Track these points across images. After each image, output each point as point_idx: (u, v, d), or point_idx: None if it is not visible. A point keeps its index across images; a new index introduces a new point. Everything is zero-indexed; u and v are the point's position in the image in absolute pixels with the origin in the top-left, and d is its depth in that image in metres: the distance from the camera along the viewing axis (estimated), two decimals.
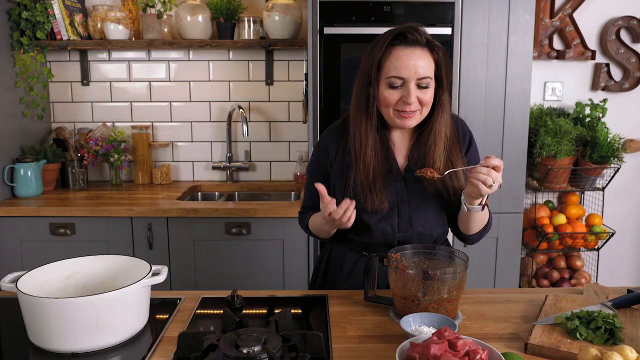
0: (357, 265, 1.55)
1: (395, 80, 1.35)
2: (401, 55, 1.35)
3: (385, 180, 1.45)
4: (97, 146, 2.80)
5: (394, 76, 1.35)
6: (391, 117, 1.41)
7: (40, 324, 1.14)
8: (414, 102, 1.36)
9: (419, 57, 1.35)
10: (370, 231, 1.49)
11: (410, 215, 1.47)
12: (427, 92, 1.38)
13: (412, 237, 1.48)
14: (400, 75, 1.35)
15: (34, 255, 2.46)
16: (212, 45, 2.75)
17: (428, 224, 1.48)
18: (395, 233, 1.47)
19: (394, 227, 1.47)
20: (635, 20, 2.88)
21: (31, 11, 2.64)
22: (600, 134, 2.69)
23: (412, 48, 1.36)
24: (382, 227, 1.47)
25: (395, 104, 1.38)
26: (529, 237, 2.90)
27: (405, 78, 1.35)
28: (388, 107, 1.39)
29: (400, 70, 1.34)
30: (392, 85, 1.36)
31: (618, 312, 1.30)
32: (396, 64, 1.35)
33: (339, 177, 1.50)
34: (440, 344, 0.97)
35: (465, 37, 2.42)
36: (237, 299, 1.35)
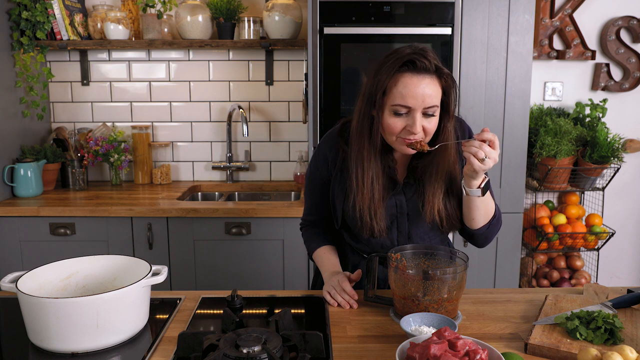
0: (359, 266, 1.55)
1: (401, 108, 1.30)
2: (408, 84, 1.28)
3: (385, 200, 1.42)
4: (97, 146, 2.80)
5: (400, 104, 1.29)
6: (394, 143, 1.36)
7: (40, 324, 1.14)
8: (419, 132, 1.31)
9: (426, 86, 1.29)
10: (370, 244, 1.50)
11: (409, 229, 1.47)
12: (432, 121, 1.33)
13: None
14: (407, 104, 1.29)
15: (34, 255, 2.46)
16: (212, 45, 2.75)
17: (427, 235, 1.49)
18: (394, 246, 1.46)
19: (393, 241, 1.48)
20: (635, 20, 2.88)
21: (31, 11, 2.64)
22: (600, 134, 2.69)
23: (421, 76, 1.29)
24: (382, 242, 1.48)
25: (399, 132, 1.33)
26: (529, 237, 2.90)
27: (412, 107, 1.29)
28: (392, 135, 1.34)
29: (407, 99, 1.28)
30: (397, 112, 1.31)
31: (618, 312, 1.30)
32: (403, 91, 1.28)
33: (339, 190, 1.48)
34: (440, 344, 0.97)
35: (465, 37, 2.42)
36: (237, 299, 1.35)
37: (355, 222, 1.44)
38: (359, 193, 1.39)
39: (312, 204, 1.59)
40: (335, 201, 1.49)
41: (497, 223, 1.48)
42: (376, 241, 1.48)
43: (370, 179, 1.38)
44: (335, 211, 1.51)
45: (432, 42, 2.41)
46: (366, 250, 1.52)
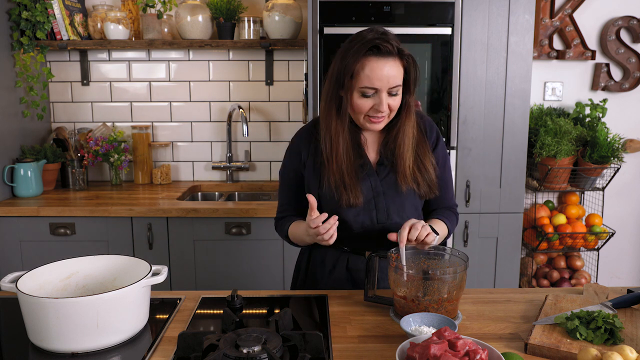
0: (339, 261, 1.56)
1: (368, 90, 1.40)
2: (374, 67, 1.38)
3: (358, 175, 1.49)
4: (97, 146, 2.80)
5: (367, 87, 1.39)
6: (361, 122, 1.46)
7: (40, 324, 1.14)
8: (385, 110, 1.42)
9: (390, 68, 1.38)
10: (349, 225, 1.51)
11: (387, 206, 1.51)
12: (396, 99, 1.43)
13: (390, 227, 1.50)
14: (374, 86, 1.39)
15: (34, 255, 2.46)
16: (212, 45, 2.75)
17: (405, 214, 1.52)
18: (374, 225, 1.51)
19: (372, 219, 1.51)
20: (635, 20, 2.88)
21: (31, 11, 2.64)
22: (600, 134, 2.69)
23: (385, 59, 1.38)
24: (361, 220, 1.51)
25: (366, 112, 1.43)
26: (529, 237, 2.90)
27: (378, 88, 1.39)
28: (360, 114, 1.44)
29: (373, 81, 1.38)
30: (365, 94, 1.40)
31: (618, 312, 1.30)
32: (370, 75, 1.38)
33: (313, 177, 1.54)
34: (440, 344, 0.97)
35: (465, 37, 2.42)
36: (237, 299, 1.35)
37: (332, 200, 1.48)
38: (332, 164, 1.47)
39: (286, 200, 1.62)
40: (311, 188, 1.54)
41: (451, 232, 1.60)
42: (356, 220, 1.50)
43: (341, 152, 1.46)
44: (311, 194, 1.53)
45: (432, 42, 2.41)
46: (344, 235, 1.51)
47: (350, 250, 1.56)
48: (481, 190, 2.54)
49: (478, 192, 2.54)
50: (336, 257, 1.57)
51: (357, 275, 1.55)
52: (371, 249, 1.50)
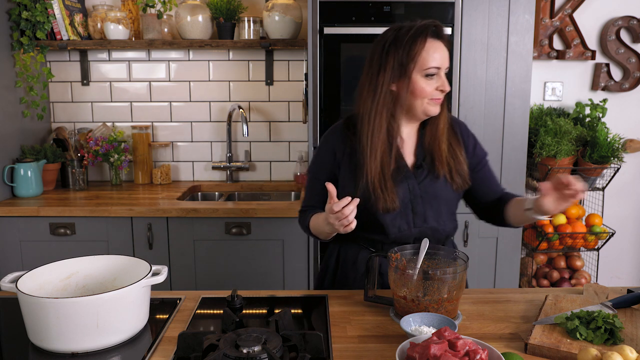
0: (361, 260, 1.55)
1: (433, 70, 1.41)
2: (437, 48, 1.42)
3: (395, 179, 1.47)
4: (97, 146, 2.80)
5: (433, 67, 1.41)
6: (424, 107, 1.45)
7: (40, 324, 1.14)
8: (449, 87, 1.44)
9: (445, 50, 1.44)
10: (386, 229, 1.49)
11: (424, 210, 1.49)
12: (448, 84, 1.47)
13: (426, 232, 1.49)
14: (437, 64, 1.41)
15: (34, 255, 2.46)
16: (212, 45, 2.75)
17: (441, 218, 1.51)
18: (411, 229, 1.49)
19: (409, 223, 1.49)
20: (635, 20, 2.88)
21: (31, 11, 2.64)
22: (600, 134, 2.69)
23: (441, 41, 1.44)
24: (398, 224, 1.48)
25: (431, 94, 1.44)
26: (529, 237, 2.90)
27: (440, 67, 1.42)
28: (424, 97, 1.44)
29: (437, 60, 1.41)
30: (429, 74, 1.42)
31: (618, 312, 1.30)
32: (434, 55, 1.41)
33: (348, 178, 1.51)
34: (440, 344, 0.97)
35: (465, 37, 2.42)
36: (237, 299, 1.35)
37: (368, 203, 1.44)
38: (370, 167, 1.44)
39: (312, 194, 1.59)
40: (346, 191, 1.49)
41: None
42: (393, 224, 1.48)
43: (379, 154, 1.44)
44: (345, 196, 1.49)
45: None
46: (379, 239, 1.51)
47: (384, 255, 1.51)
48: None
49: None
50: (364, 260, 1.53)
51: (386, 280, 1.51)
52: None
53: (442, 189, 1.50)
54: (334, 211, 1.29)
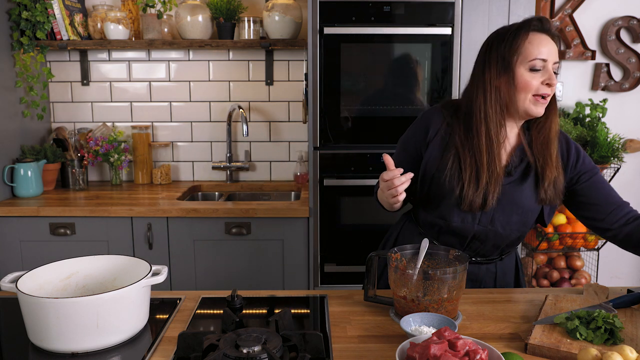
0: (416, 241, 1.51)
1: (538, 62, 1.36)
2: (542, 39, 1.37)
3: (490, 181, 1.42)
4: (97, 146, 2.80)
5: (537, 58, 1.36)
6: (527, 103, 1.39)
7: (40, 324, 1.14)
8: (556, 83, 1.38)
9: (551, 42, 1.38)
10: (450, 216, 1.46)
11: (494, 213, 1.45)
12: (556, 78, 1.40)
13: (489, 233, 1.47)
14: (543, 56, 1.36)
15: (34, 255, 2.46)
16: (212, 45, 2.75)
17: (509, 226, 1.47)
18: (474, 224, 1.46)
19: (475, 217, 1.46)
20: (635, 20, 2.88)
21: (31, 11, 2.64)
22: (600, 134, 2.69)
23: (547, 34, 1.39)
24: (464, 215, 1.45)
25: (536, 89, 1.38)
26: (529, 237, 2.90)
27: (547, 59, 1.37)
28: (527, 92, 1.38)
29: (543, 52, 1.36)
30: (534, 68, 1.36)
31: (618, 312, 1.30)
32: (539, 47, 1.36)
33: (435, 159, 1.47)
34: (440, 344, 0.97)
35: (465, 37, 2.42)
36: (237, 299, 1.35)
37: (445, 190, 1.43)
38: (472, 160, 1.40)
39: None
40: (427, 170, 1.47)
41: None
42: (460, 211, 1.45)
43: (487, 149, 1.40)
44: (424, 180, 1.49)
45: (432, 42, 2.41)
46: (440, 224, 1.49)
47: (437, 243, 1.51)
48: None
49: None
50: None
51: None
52: (457, 248, 1.47)
53: (524, 198, 1.45)
54: (384, 179, 1.31)
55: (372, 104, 2.44)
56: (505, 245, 1.51)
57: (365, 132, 2.45)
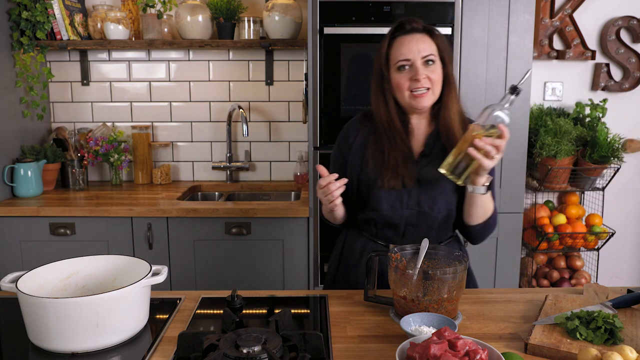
0: (366, 249, 1.60)
1: (402, 62, 1.47)
2: (403, 42, 1.49)
3: (398, 161, 1.52)
4: (97, 146, 2.80)
5: (400, 60, 1.48)
6: (407, 100, 1.50)
7: (40, 324, 1.14)
8: (423, 79, 1.47)
9: (418, 40, 1.48)
10: (380, 205, 1.54)
11: (418, 194, 1.53)
12: (434, 70, 1.48)
13: (417, 216, 1.53)
14: (406, 57, 1.47)
15: (34, 255, 2.46)
16: (212, 45, 2.75)
17: (435, 206, 1.53)
18: (403, 209, 1.53)
19: (402, 202, 1.53)
20: (635, 20, 2.88)
21: (31, 11, 2.64)
22: (600, 134, 2.69)
23: (411, 35, 1.49)
24: (392, 202, 1.53)
25: (408, 86, 1.48)
26: (529, 237, 2.90)
27: (411, 59, 1.47)
28: (403, 91, 1.50)
29: (405, 53, 1.47)
30: (400, 67, 1.48)
31: (618, 312, 1.30)
32: (401, 50, 1.48)
33: (356, 159, 1.59)
34: (440, 344, 0.97)
35: (465, 37, 2.42)
36: (237, 299, 1.35)
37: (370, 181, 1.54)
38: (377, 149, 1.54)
39: None
40: (353, 170, 1.59)
41: (492, 223, 1.57)
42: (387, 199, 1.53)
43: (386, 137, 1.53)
44: (352, 180, 1.59)
45: None
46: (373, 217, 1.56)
47: (375, 241, 1.60)
48: None
49: None
50: (364, 245, 1.61)
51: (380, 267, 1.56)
52: (396, 240, 1.56)
53: (439, 176, 1.50)
54: (321, 186, 1.42)
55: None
56: (437, 227, 1.56)
57: None
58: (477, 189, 1.42)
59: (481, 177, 1.40)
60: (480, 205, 1.48)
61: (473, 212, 1.50)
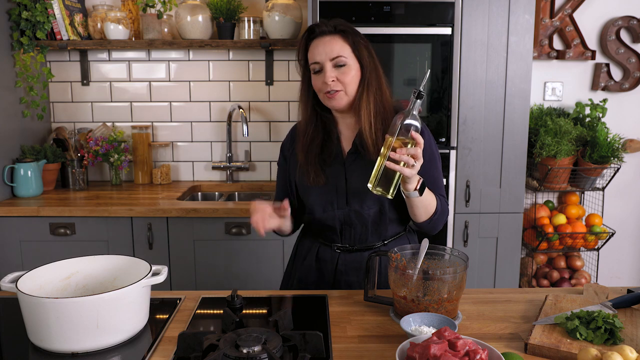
0: (311, 250, 1.64)
1: (314, 66, 1.50)
2: (313, 46, 1.51)
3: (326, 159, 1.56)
4: (97, 146, 2.80)
5: (312, 63, 1.51)
6: (325, 101, 1.53)
7: (40, 324, 1.14)
8: (331, 81, 1.48)
9: (327, 42, 1.49)
10: (313, 208, 1.58)
11: (347, 193, 1.55)
12: (345, 72, 1.48)
13: (351, 215, 1.55)
14: (315, 60, 1.49)
15: (34, 255, 2.46)
16: (212, 45, 2.75)
17: (365, 204, 1.54)
18: (335, 210, 1.56)
19: (333, 204, 1.56)
20: (635, 20, 2.88)
21: (31, 11, 2.64)
22: (600, 134, 2.69)
23: (321, 37, 1.50)
24: (323, 204, 1.57)
25: (321, 88, 1.51)
26: (529, 237, 2.90)
27: (320, 62, 1.49)
28: (320, 93, 1.52)
29: (315, 56, 1.49)
30: (314, 71, 1.51)
31: (618, 312, 1.30)
32: (311, 53, 1.51)
33: (293, 167, 1.63)
34: (440, 344, 0.97)
35: (465, 37, 2.42)
36: (237, 299, 1.35)
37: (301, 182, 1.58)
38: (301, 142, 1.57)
39: (279, 190, 1.72)
40: (290, 175, 1.64)
41: (440, 216, 1.55)
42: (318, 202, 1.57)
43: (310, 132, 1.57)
44: (292, 186, 1.64)
45: (432, 42, 2.41)
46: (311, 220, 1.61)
47: (320, 241, 1.63)
48: (481, 190, 2.54)
49: (478, 192, 2.54)
50: (309, 246, 1.66)
51: (324, 266, 1.61)
52: (336, 240, 1.59)
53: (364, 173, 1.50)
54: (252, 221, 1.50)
55: None
56: (372, 224, 1.56)
57: None
58: (411, 194, 1.40)
59: (410, 184, 1.38)
60: (420, 205, 1.46)
61: (416, 212, 1.49)
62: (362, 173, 1.50)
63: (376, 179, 1.35)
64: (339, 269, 1.59)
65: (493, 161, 2.53)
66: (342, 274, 1.59)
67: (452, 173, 2.50)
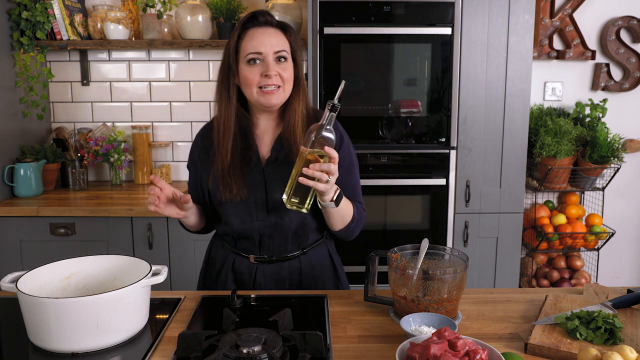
0: (227, 260, 1.56)
1: (254, 55, 1.39)
2: (256, 34, 1.40)
3: (243, 169, 1.46)
4: (97, 146, 2.80)
5: (252, 52, 1.39)
6: (255, 97, 1.42)
7: (40, 324, 1.14)
8: (274, 75, 1.39)
9: (272, 34, 1.41)
10: (229, 219, 1.50)
11: (267, 204, 1.47)
12: (285, 68, 1.42)
13: (270, 226, 1.48)
14: (258, 50, 1.39)
15: (34, 255, 2.46)
16: (212, 45, 2.75)
17: (286, 216, 1.47)
18: (253, 222, 1.48)
19: (251, 215, 1.48)
20: (635, 20, 2.88)
21: (31, 11, 2.64)
22: (600, 134, 2.69)
23: (265, 27, 1.42)
24: (241, 215, 1.48)
25: (257, 82, 1.40)
26: (529, 237, 2.90)
27: (263, 52, 1.39)
28: (252, 87, 1.41)
29: (257, 46, 1.39)
30: (251, 60, 1.40)
31: (618, 312, 1.30)
32: (252, 42, 1.40)
33: (204, 170, 1.52)
34: (440, 344, 0.97)
35: (465, 37, 2.42)
36: (237, 299, 1.35)
37: (218, 191, 1.47)
38: (220, 152, 1.45)
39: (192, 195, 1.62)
40: (202, 181, 1.54)
41: (357, 224, 1.51)
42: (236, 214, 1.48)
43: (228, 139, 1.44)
44: (205, 194, 1.54)
45: (432, 42, 2.41)
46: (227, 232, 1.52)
47: (235, 252, 1.55)
48: (481, 190, 2.54)
49: (478, 192, 2.54)
50: (224, 257, 1.57)
51: (242, 278, 1.54)
52: (254, 252, 1.52)
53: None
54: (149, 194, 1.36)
55: (372, 104, 2.44)
56: (293, 235, 1.51)
57: (365, 132, 2.45)
58: (327, 205, 1.35)
59: (326, 195, 1.32)
60: (336, 215, 1.42)
61: (332, 221, 1.45)
62: (283, 183, 1.37)
63: (291, 190, 1.30)
64: (258, 281, 1.52)
65: (493, 161, 2.53)
66: (261, 286, 1.52)
67: (452, 173, 2.50)
